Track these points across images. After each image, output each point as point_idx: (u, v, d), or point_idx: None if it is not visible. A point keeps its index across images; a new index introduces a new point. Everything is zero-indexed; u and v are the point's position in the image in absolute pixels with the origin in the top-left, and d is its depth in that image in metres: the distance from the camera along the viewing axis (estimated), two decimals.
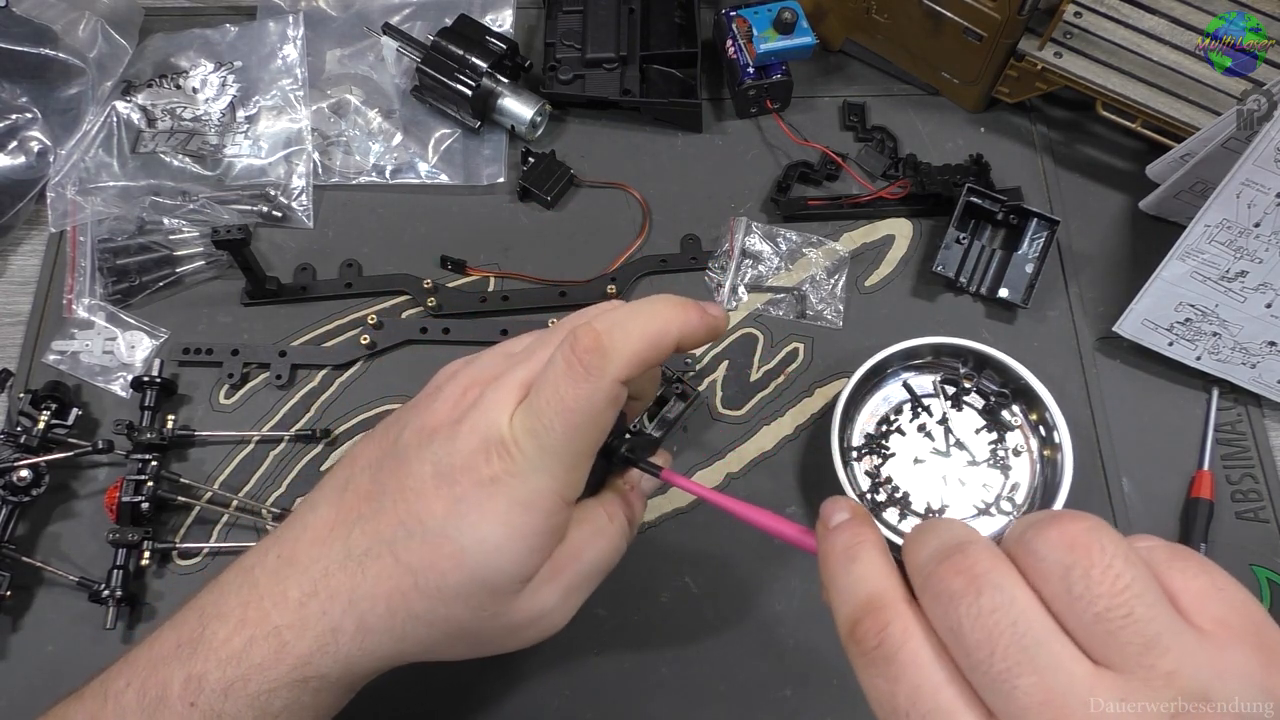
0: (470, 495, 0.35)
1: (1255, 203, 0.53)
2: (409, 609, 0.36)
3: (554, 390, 0.35)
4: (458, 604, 0.36)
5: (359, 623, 0.36)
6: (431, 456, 0.36)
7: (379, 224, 0.66)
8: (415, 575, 0.36)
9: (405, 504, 0.36)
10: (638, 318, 0.36)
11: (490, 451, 0.35)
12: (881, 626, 0.26)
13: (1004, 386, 0.59)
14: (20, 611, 0.54)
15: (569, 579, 0.39)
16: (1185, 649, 0.23)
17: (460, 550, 0.35)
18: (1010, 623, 0.24)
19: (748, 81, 0.66)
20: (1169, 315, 0.59)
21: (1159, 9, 0.62)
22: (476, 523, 0.35)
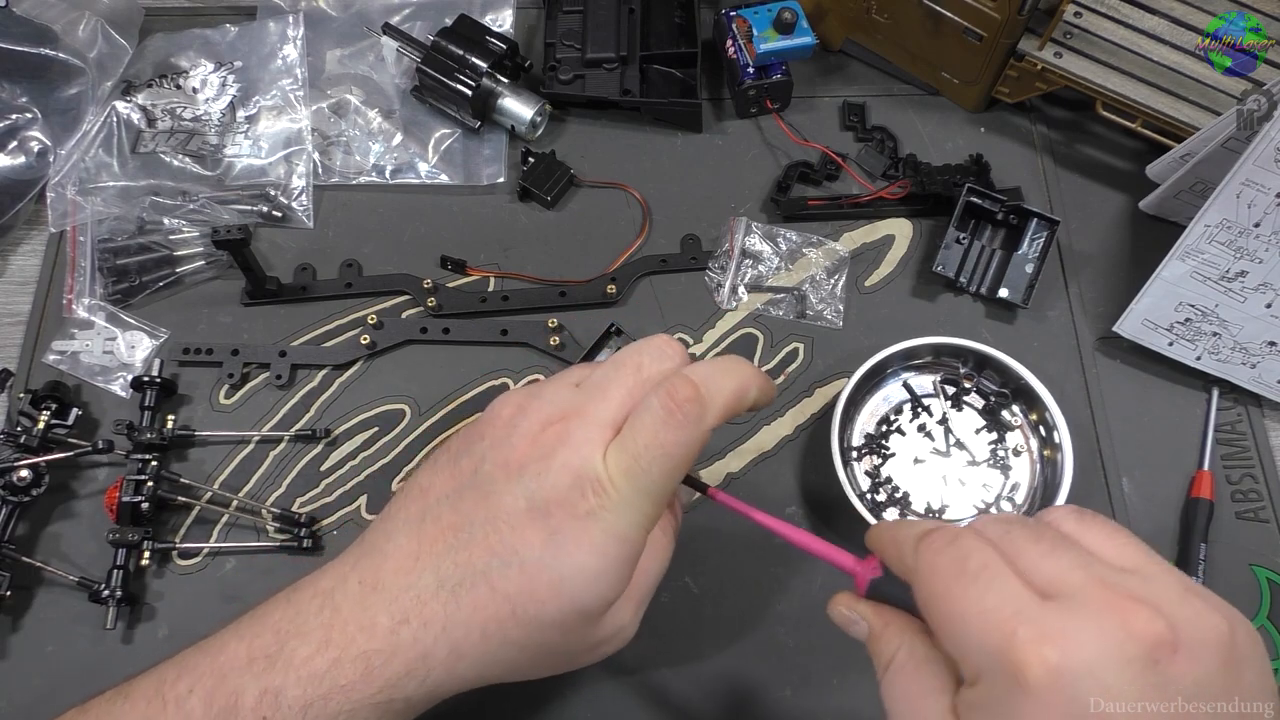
0: (566, 528, 0.37)
1: (1255, 203, 0.53)
2: (504, 636, 0.38)
3: (653, 435, 0.37)
4: (553, 630, 0.38)
5: (452, 649, 0.38)
6: (524, 491, 0.38)
7: (379, 224, 0.66)
8: (513, 603, 0.37)
9: (498, 535, 0.38)
10: (729, 375, 0.40)
11: (585, 488, 0.37)
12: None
13: (1004, 386, 0.59)
14: (20, 611, 0.54)
15: (639, 594, 0.41)
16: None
17: (559, 579, 0.37)
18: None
19: (748, 81, 0.66)
20: (1169, 315, 0.59)
21: (1159, 9, 0.62)
22: (573, 553, 0.37)
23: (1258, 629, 0.54)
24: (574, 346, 0.61)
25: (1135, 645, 0.27)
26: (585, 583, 0.37)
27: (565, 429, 0.39)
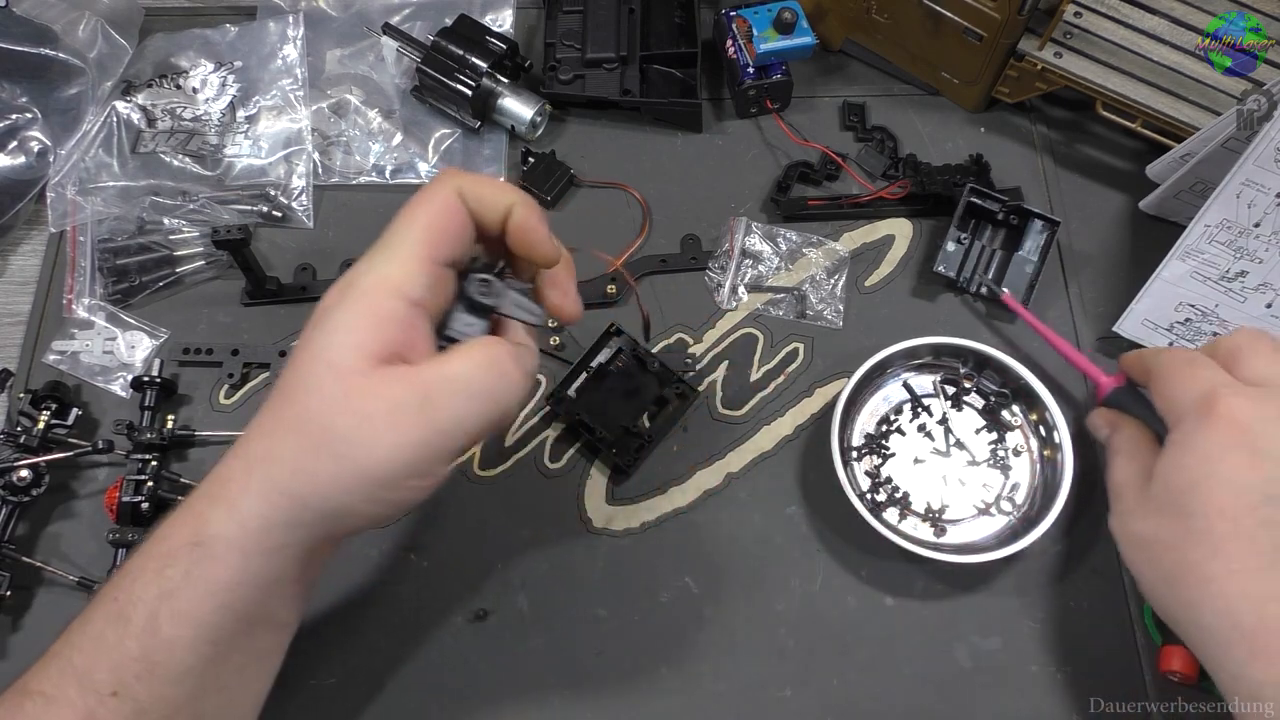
0: (326, 307, 0.39)
1: (1255, 202, 0.53)
2: (279, 417, 0.38)
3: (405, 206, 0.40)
4: (311, 394, 0.37)
5: (246, 457, 0.39)
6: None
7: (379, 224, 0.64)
8: (280, 386, 0.39)
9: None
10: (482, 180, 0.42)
11: (340, 280, 0.40)
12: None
13: (1004, 386, 0.59)
14: (20, 611, 0.54)
15: (429, 385, 0.38)
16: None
17: (310, 341, 0.38)
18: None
19: (748, 81, 0.66)
20: (1169, 315, 0.58)
21: (1159, 9, 0.62)
22: (325, 312, 0.38)
23: None
24: (574, 346, 0.61)
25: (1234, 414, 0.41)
26: (327, 332, 0.38)
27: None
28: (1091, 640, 0.54)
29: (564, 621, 0.54)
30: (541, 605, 0.55)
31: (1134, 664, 0.54)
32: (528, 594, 0.55)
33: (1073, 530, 0.56)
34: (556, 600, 0.55)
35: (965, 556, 0.53)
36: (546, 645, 0.54)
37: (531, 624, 0.54)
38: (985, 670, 0.54)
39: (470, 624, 0.54)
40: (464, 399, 0.38)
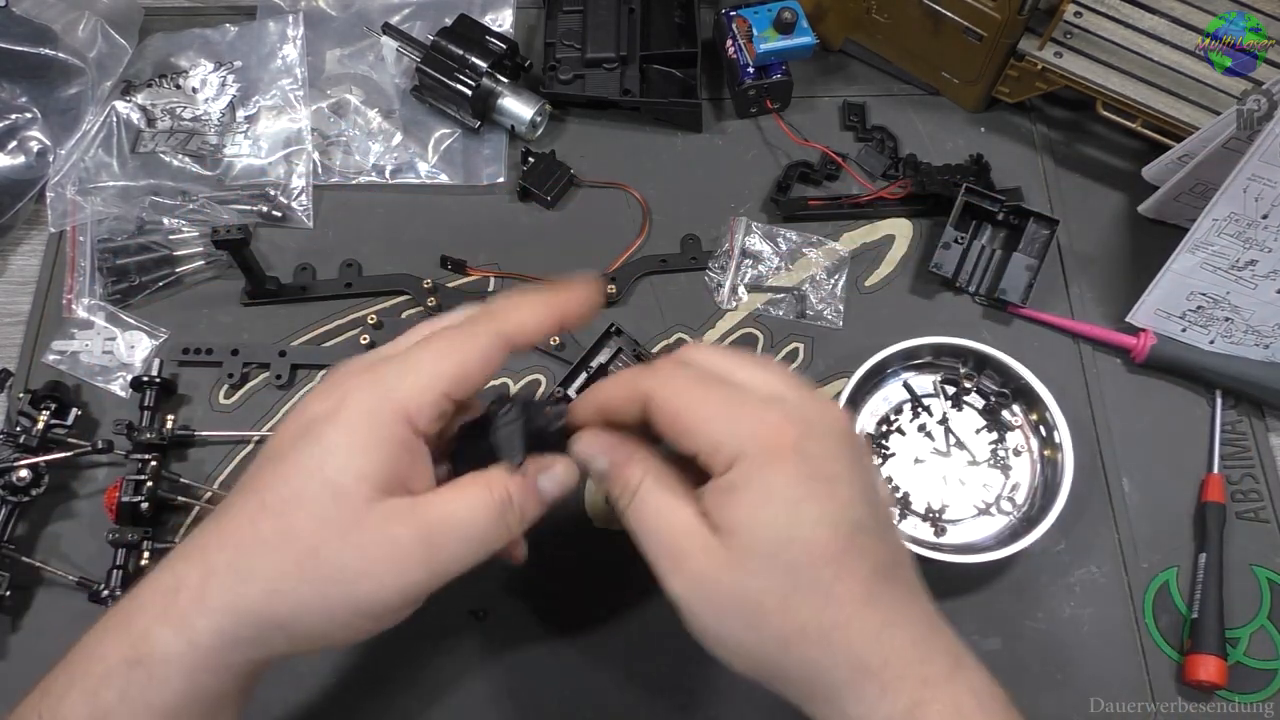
0: (318, 416, 0.37)
1: (1262, 196, 0.53)
2: (258, 531, 0.36)
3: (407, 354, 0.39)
4: (301, 511, 0.35)
5: (206, 567, 0.36)
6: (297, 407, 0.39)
7: (379, 224, 0.66)
8: (261, 495, 0.36)
9: (257, 460, 0.39)
10: (528, 297, 0.41)
11: (331, 386, 0.38)
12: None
13: (1004, 386, 0.59)
14: (20, 611, 0.54)
15: (432, 526, 0.37)
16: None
17: (301, 454, 0.36)
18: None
19: (748, 81, 0.66)
20: (1181, 304, 0.59)
21: (1159, 9, 0.62)
22: (319, 423, 0.36)
23: (1258, 629, 0.54)
24: (574, 346, 0.61)
25: (839, 431, 0.37)
26: (325, 453, 0.36)
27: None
28: (1091, 640, 0.54)
29: (564, 621, 0.54)
30: (541, 605, 0.55)
31: (1134, 664, 0.54)
32: (528, 594, 0.55)
33: (1073, 530, 0.56)
34: (556, 600, 0.55)
35: (965, 556, 0.53)
36: (546, 645, 0.54)
37: (531, 624, 0.54)
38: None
39: (470, 624, 0.54)
40: (463, 543, 0.37)
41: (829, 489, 0.35)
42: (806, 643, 0.35)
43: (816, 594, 0.35)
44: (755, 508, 0.35)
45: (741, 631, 0.36)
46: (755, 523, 0.35)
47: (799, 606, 0.35)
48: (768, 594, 0.35)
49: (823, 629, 0.35)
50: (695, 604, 0.37)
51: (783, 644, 0.36)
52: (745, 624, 0.36)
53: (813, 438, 0.36)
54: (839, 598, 0.35)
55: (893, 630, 0.35)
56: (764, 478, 0.35)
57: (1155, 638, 0.55)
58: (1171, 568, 0.56)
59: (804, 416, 0.36)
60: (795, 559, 0.35)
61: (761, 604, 0.35)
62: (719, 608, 0.37)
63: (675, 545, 0.37)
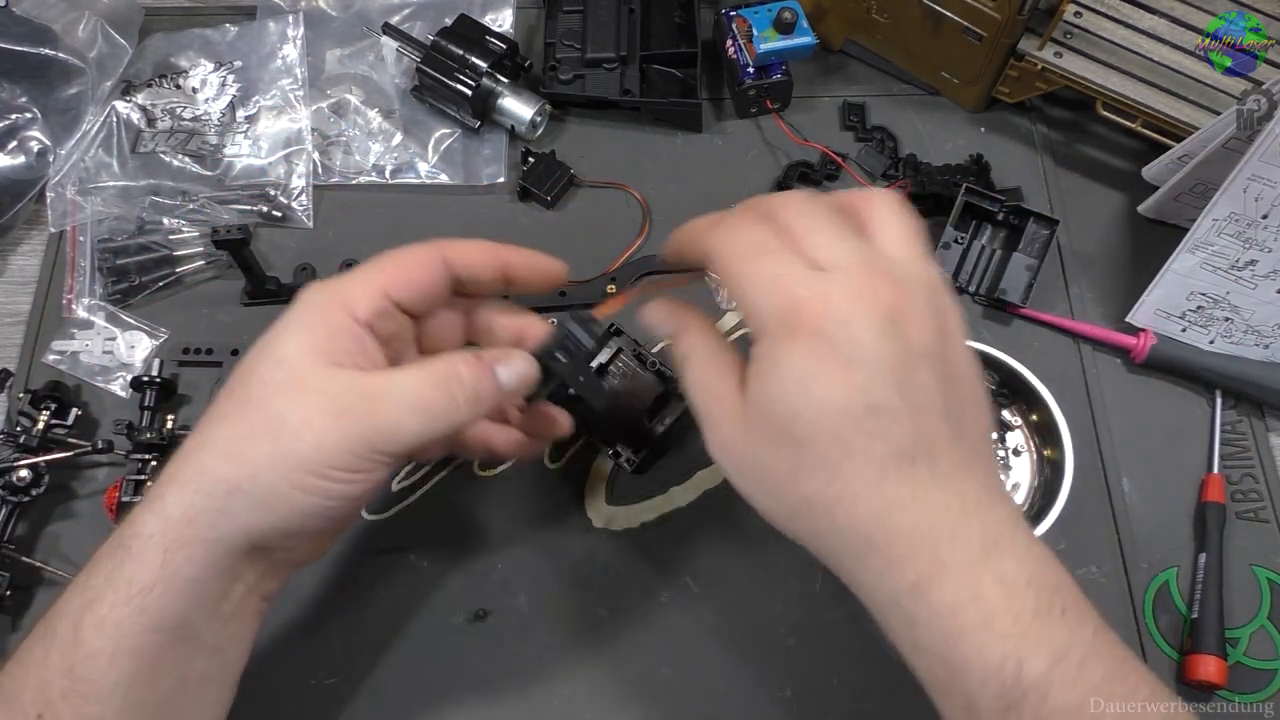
0: (279, 327, 0.40)
1: (1262, 196, 0.53)
2: (218, 409, 0.39)
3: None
4: (252, 382, 0.39)
5: (180, 454, 0.39)
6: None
7: (379, 224, 0.66)
8: (229, 386, 0.40)
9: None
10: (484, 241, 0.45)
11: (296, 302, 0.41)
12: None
13: (1004, 386, 0.59)
14: (20, 611, 0.54)
15: (373, 389, 0.39)
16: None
17: (259, 344, 0.40)
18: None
19: (748, 81, 0.66)
20: (1181, 304, 0.59)
21: (1159, 9, 0.62)
22: (273, 330, 0.40)
23: (1258, 629, 0.54)
24: None
25: (880, 307, 0.35)
26: (275, 332, 0.40)
27: None
28: None
29: (564, 621, 0.54)
30: (541, 605, 0.55)
31: None
32: (528, 594, 0.55)
33: (1073, 530, 0.56)
34: (556, 600, 0.55)
35: None
36: (546, 645, 0.54)
37: (531, 624, 0.54)
38: None
39: (470, 624, 0.54)
40: (406, 409, 0.39)
41: (843, 370, 0.35)
42: (814, 513, 0.37)
43: (823, 469, 0.36)
44: (768, 381, 0.36)
45: (761, 497, 0.39)
46: (768, 396, 0.36)
47: (805, 479, 0.36)
48: (777, 463, 0.37)
49: (827, 503, 0.36)
50: (725, 466, 0.39)
51: (793, 512, 0.38)
52: (763, 490, 0.38)
53: (836, 317, 0.35)
54: (844, 475, 0.35)
55: (903, 512, 0.35)
56: (776, 353, 0.36)
57: (1155, 638, 0.54)
58: (1171, 568, 0.56)
59: (838, 293, 0.35)
60: (801, 434, 0.36)
61: (772, 472, 0.37)
62: (741, 473, 0.39)
63: (709, 411, 0.39)
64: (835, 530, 0.36)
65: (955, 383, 0.37)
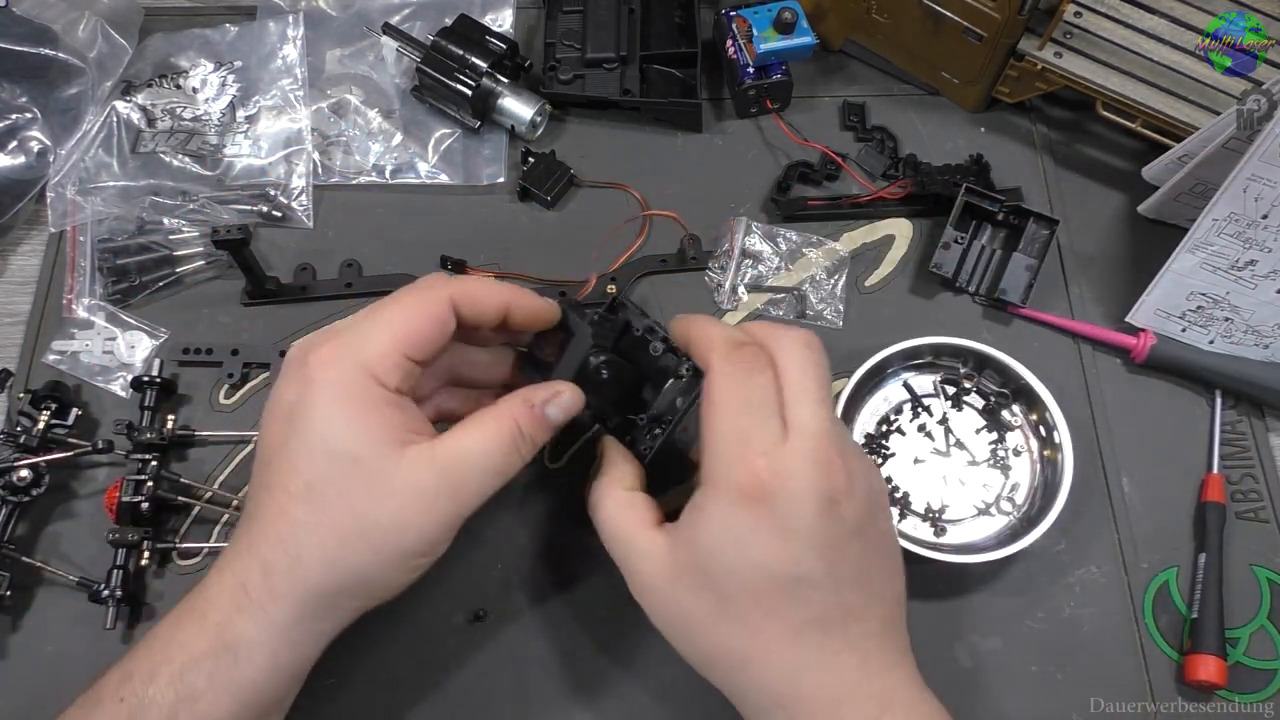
0: (295, 403, 0.39)
1: (1262, 196, 0.53)
2: (293, 519, 0.39)
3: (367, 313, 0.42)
4: (326, 490, 0.38)
5: (262, 564, 0.39)
6: (271, 399, 0.42)
7: (379, 224, 0.66)
8: (283, 488, 0.39)
9: (258, 450, 0.41)
10: (483, 279, 0.46)
11: (295, 369, 0.41)
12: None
13: (1004, 386, 0.59)
14: (20, 611, 0.54)
15: (451, 465, 0.40)
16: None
17: (302, 435, 0.39)
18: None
19: (748, 81, 0.66)
20: (1180, 304, 0.59)
21: (1159, 9, 0.62)
22: (308, 418, 0.39)
23: (1258, 629, 0.54)
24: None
25: (826, 486, 0.37)
26: (321, 422, 0.39)
27: None
28: (1091, 640, 0.54)
29: (564, 621, 0.54)
30: (541, 605, 0.55)
31: (1134, 664, 0.54)
32: (528, 594, 0.55)
33: (1073, 530, 0.56)
34: (556, 600, 0.55)
35: (965, 556, 0.53)
36: (546, 645, 0.54)
37: (531, 624, 0.54)
38: (985, 670, 0.54)
39: (470, 624, 0.54)
40: (482, 475, 0.40)
41: (781, 542, 0.37)
42: (728, 664, 0.39)
43: (744, 626, 0.38)
44: (706, 535, 0.38)
45: (680, 641, 0.41)
46: (703, 549, 0.38)
47: (725, 631, 0.38)
48: (699, 611, 0.39)
49: (743, 657, 0.39)
50: (646, 607, 0.41)
51: (709, 659, 0.40)
52: (682, 634, 0.40)
53: (789, 494, 0.37)
54: (763, 634, 0.38)
55: (812, 673, 0.38)
56: (725, 512, 0.38)
57: (1155, 638, 0.55)
58: (1171, 568, 0.56)
59: (797, 473, 0.38)
60: (729, 590, 0.38)
61: (693, 619, 0.39)
62: (662, 615, 0.41)
63: (627, 555, 0.41)
64: (747, 682, 0.39)
65: (876, 553, 0.40)
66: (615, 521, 0.42)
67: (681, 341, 0.44)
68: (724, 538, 0.38)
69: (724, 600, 0.38)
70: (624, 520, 0.42)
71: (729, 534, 0.38)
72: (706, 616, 0.39)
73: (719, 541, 0.38)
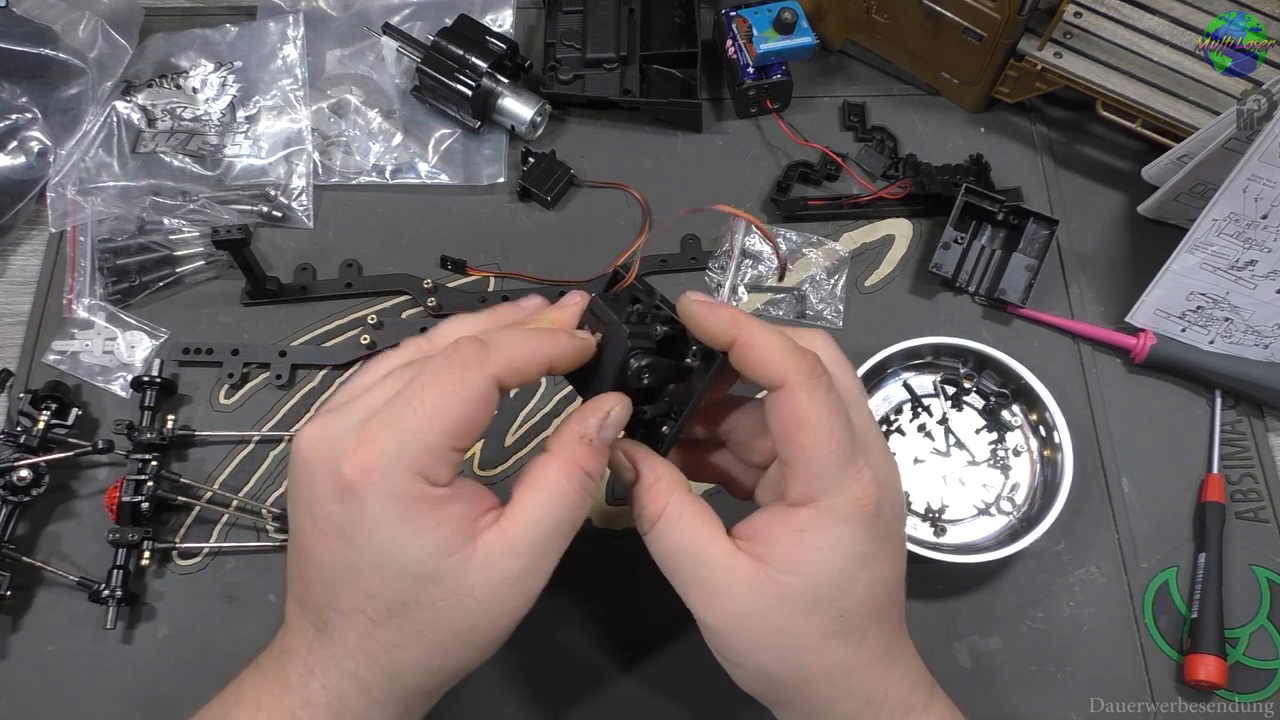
0: (344, 515, 0.35)
1: (1262, 196, 0.53)
2: (383, 642, 0.36)
3: (420, 383, 0.35)
4: (416, 612, 0.36)
5: (358, 683, 0.37)
6: (304, 507, 0.37)
7: (379, 224, 0.66)
8: (363, 609, 0.36)
9: (309, 563, 0.37)
10: (523, 334, 0.39)
11: (328, 479, 0.36)
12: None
13: (1004, 386, 0.59)
14: (20, 611, 0.54)
15: (531, 539, 0.37)
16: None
17: (373, 565, 0.35)
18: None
19: (748, 81, 0.66)
20: (1180, 304, 0.59)
21: (1159, 9, 0.62)
22: (368, 538, 0.35)
23: (1258, 629, 0.54)
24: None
25: (899, 490, 0.40)
26: (389, 537, 0.35)
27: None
28: (1091, 640, 0.54)
29: (564, 621, 0.54)
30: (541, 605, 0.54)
31: (1134, 664, 0.54)
32: None
33: (1073, 530, 0.56)
34: (556, 600, 0.55)
35: (965, 556, 0.53)
36: (546, 645, 0.54)
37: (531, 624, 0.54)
38: (985, 670, 0.54)
39: None
40: (560, 539, 0.38)
41: (889, 549, 0.37)
42: (829, 680, 0.37)
43: (852, 640, 0.37)
44: (825, 555, 0.36)
45: (772, 664, 0.38)
46: (820, 569, 0.36)
47: (835, 649, 0.37)
48: (809, 634, 0.37)
49: (847, 670, 0.37)
50: (730, 635, 0.38)
51: (807, 678, 0.38)
52: (778, 658, 0.37)
53: (888, 499, 0.37)
54: (869, 644, 0.38)
55: (896, 669, 0.38)
56: (840, 531, 0.36)
57: (1155, 638, 0.55)
58: (1171, 568, 0.56)
59: (886, 477, 0.38)
60: (847, 608, 0.37)
61: (799, 642, 0.37)
62: (756, 641, 0.38)
63: (710, 579, 0.38)
64: (845, 692, 0.38)
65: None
66: (685, 535, 0.38)
67: (703, 326, 0.39)
68: (848, 558, 0.36)
69: (841, 618, 0.37)
70: (696, 534, 0.38)
71: (853, 553, 0.36)
72: (820, 638, 0.37)
73: (842, 562, 0.36)
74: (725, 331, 0.38)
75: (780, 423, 0.37)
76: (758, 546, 0.37)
